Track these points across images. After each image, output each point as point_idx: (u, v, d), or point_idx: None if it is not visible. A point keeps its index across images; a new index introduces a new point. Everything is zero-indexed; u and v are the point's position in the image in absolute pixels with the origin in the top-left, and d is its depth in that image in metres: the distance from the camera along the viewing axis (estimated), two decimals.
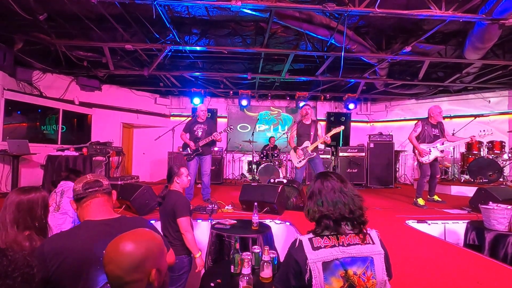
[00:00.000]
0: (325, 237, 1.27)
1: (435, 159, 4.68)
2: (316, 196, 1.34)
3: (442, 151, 4.63)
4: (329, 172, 1.42)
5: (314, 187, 1.37)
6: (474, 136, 4.55)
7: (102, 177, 1.48)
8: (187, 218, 2.41)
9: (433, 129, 4.68)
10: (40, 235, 1.54)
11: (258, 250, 2.03)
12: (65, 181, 2.77)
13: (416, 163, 4.94)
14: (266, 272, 1.81)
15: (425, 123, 4.72)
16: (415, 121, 4.96)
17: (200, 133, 4.70)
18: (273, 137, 8.32)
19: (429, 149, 4.59)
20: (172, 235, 2.44)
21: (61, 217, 2.58)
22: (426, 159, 4.60)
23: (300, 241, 1.26)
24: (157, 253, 0.96)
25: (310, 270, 1.20)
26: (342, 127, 4.70)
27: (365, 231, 1.32)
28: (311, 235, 1.29)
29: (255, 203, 2.90)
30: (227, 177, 8.45)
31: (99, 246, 1.25)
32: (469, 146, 6.48)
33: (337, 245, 1.25)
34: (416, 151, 4.69)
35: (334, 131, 4.56)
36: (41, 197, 1.60)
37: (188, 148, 4.66)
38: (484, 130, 4.64)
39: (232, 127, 4.88)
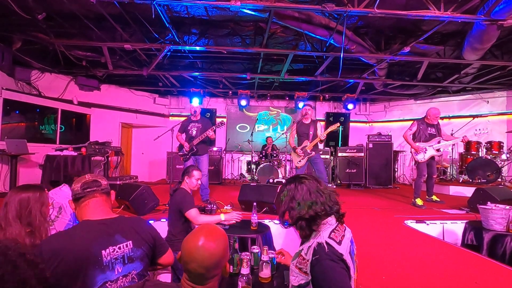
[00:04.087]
0: (337, 229, 1.27)
1: (432, 158, 4.70)
2: (293, 200, 1.31)
3: (438, 150, 4.65)
4: (302, 175, 1.41)
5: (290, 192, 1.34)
6: (465, 136, 4.61)
7: (100, 177, 1.48)
8: (193, 209, 2.55)
9: (428, 128, 4.71)
10: (40, 232, 1.55)
11: (257, 250, 2.03)
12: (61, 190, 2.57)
13: (414, 163, 4.95)
14: (265, 272, 1.80)
15: (421, 122, 4.75)
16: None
17: (194, 132, 4.68)
18: (270, 137, 8.33)
19: (425, 148, 4.62)
20: (173, 232, 2.57)
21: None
22: (421, 157, 4.62)
23: (327, 243, 1.19)
24: (227, 250, 1.05)
25: (347, 264, 1.19)
26: (338, 124, 4.70)
27: None
28: (328, 231, 1.24)
29: (254, 203, 2.91)
30: (226, 177, 8.44)
31: (97, 246, 1.25)
32: (467, 146, 6.49)
33: (344, 233, 1.28)
34: (412, 149, 4.72)
35: (330, 128, 4.56)
36: (41, 194, 1.63)
37: (184, 149, 4.65)
38: (479, 129, 4.65)
39: (222, 121, 4.84)
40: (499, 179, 5.90)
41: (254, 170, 7.43)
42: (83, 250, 1.22)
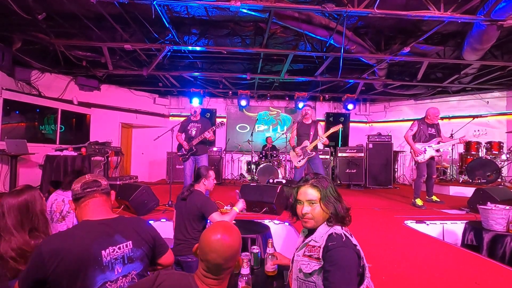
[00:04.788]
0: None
1: (432, 158, 4.71)
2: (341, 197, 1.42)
3: (437, 150, 4.66)
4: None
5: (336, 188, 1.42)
6: (463, 137, 4.62)
7: (100, 177, 1.48)
8: (216, 213, 2.51)
9: (429, 128, 4.73)
10: (42, 231, 1.55)
11: (257, 250, 2.03)
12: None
13: (414, 163, 4.96)
14: (271, 265, 1.82)
15: (421, 122, 4.77)
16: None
17: (194, 132, 4.67)
18: (270, 137, 8.33)
19: (424, 148, 4.63)
20: (191, 234, 2.48)
21: (60, 226, 2.53)
22: (421, 158, 4.63)
23: (344, 234, 1.26)
24: (241, 244, 1.15)
25: (363, 257, 1.24)
26: (340, 126, 4.71)
27: None
28: (340, 226, 1.32)
29: (236, 191, 2.96)
30: (226, 177, 8.44)
31: (96, 246, 1.25)
32: (467, 146, 6.50)
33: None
34: (411, 150, 4.73)
35: (332, 129, 4.57)
36: (36, 194, 1.62)
37: (183, 148, 4.65)
38: (478, 130, 4.68)
39: (222, 122, 4.83)
40: (499, 180, 5.90)
41: (254, 170, 7.43)
42: (83, 250, 1.22)
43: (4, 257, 1.43)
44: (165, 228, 3.39)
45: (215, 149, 7.79)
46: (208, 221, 2.55)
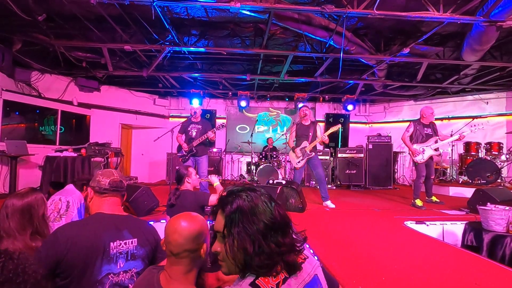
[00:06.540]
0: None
1: (431, 158, 4.72)
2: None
3: (436, 149, 4.68)
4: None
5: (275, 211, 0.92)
6: (462, 132, 4.66)
7: (124, 178, 1.57)
8: (211, 195, 2.66)
9: (425, 128, 4.74)
10: (43, 234, 1.56)
11: None
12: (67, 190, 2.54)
13: (413, 163, 4.98)
14: None
15: (417, 123, 4.78)
16: None
17: (194, 133, 4.68)
18: (271, 138, 8.33)
19: (422, 148, 4.64)
20: None
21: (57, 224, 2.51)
22: (420, 158, 4.64)
23: None
24: (206, 231, 1.19)
25: None
26: (339, 126, 4.71)
27: None
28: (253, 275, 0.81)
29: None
30: (226, 178, 8.44)
31: (106, 237, 1.33)
32: (467, 147, 6.50)
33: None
34: (410, 151, 4.74)
35: (331, 129, 4.57)
36: (40, 198, 1.63)
37: (183, 149, 4.65)
38: (474, 125, 4.68)
39: (223, 124, 4.84)
40: (499, 180, 5.90)
41: (254, 171, 7.43)
42: (94, 240, 1.30)
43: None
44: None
45: (215, 150, 7.79)
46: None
